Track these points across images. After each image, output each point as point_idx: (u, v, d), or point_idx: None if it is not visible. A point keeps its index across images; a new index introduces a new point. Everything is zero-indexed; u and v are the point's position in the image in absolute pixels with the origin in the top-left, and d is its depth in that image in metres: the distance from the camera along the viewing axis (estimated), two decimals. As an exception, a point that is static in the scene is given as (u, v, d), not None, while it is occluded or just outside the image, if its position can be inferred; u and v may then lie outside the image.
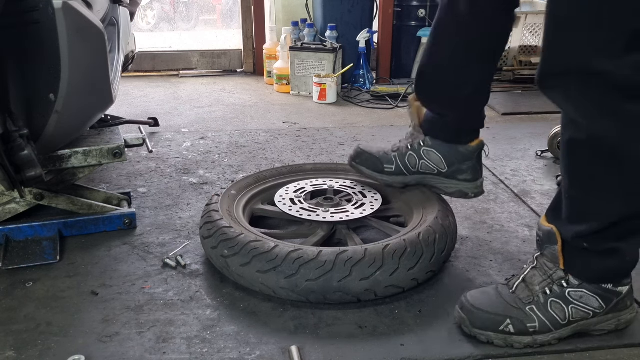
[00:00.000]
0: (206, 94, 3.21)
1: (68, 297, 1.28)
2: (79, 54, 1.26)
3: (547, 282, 1.13)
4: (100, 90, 1.44)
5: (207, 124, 2.63)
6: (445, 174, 1.48)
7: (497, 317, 1.12)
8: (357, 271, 1.21)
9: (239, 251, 1.27)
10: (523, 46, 3.48)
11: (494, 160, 2.17)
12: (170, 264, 1.40)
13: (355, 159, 1.58)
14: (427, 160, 1.48)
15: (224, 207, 1.45)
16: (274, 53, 3.36)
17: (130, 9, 2.08)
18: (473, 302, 1.16)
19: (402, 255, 1.25)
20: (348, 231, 1.46)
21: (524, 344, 1.12)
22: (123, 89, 3.17)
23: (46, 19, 1.19)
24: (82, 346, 1.12)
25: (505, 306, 1.14)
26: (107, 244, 1.51)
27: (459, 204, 1.76)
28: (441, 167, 1.48)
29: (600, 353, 1.13)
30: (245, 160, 2.16)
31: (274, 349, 1.12)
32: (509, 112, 2.85)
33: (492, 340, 1.13)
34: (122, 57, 1.86)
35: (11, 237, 1.47)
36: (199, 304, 1.26)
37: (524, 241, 1.55)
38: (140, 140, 1.63)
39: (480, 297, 1.17)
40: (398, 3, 3.40)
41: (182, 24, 5.97)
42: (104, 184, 1.91)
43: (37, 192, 1.50)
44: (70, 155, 1.48)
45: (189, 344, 1.13)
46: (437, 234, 1.32)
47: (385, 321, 1.20)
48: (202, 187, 1.90)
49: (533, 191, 1.88)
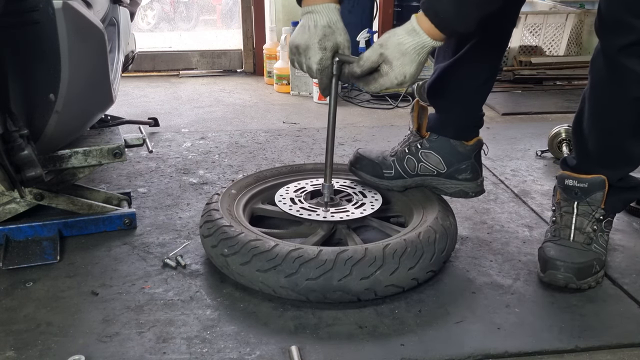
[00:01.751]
0: (206, 94, 3.22)
1: (68, 297, 1.28)
2: (79, 54, 1.26)
3: (593, 222, 1.37)
4: (100, 90, 1.44)
5: (207, 124, 2.63)
6: (444, 174, 1.50)
7: (587, 265, 1.32)
8: (358, 270, 1.21)
9: (239, 250, 1.27)
10: (523, 46, 3.49)
11: (494, 160, 2.17)
12: (170, 264, 1.40)
13: (355, 164, 1.60)
14: (426, 162, 1.51)
15: (224, 206, 1.45)
16: (274, 53, 3.36)
17: (130, 9, 2.08)
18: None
19: (402, 254, 1.25)
20: (348, 231, 1.46)
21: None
22: (123, 89, 3.17)
23: (46, 19, 1.19)
24: (82, 346, 1.12)
25: (588, 255, 1.34)
26: (107, 244, 1.51)
27: (459, 204, 1.76)
28: (440, 167, 1.50)
29: (600, 353, 1.13)
30: (245, 160, 2.16)
31: (274, 349, 1.12)
32: (509, 112, 2.85)
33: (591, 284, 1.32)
34: (122, 57, 1.86)
35: (11, 237, 1.47)
36: (199, 304, 1.26)
37: (524, 241, 1.55)
38: (140, 140, 1.63)
39: (561, 249, 1.35)
40: (398, 3, 3.40)
41: (182, 24, 5.97)
42: (104, 184, 1.91)
43: (37, 192, 1.50)
44: (70, 155, 1.48)
45: (189, 344, 1.13)
46: (437, 233, 1.32)
47: (385, 321, 1.21)
48: (202, 187, 1.90)
49: (533, 191, 1.88)
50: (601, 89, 1.33)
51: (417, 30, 1.19)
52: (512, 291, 1.32)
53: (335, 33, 1.27)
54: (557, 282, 1.31)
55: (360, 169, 1.58)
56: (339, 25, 1.28)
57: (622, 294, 1.32)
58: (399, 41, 1.21)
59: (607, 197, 1.37)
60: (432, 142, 1.50)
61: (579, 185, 1.38)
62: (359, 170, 1.58)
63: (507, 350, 1.12)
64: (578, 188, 1.38)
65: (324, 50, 1.27)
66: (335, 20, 1.27)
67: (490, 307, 1.26)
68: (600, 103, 1.35)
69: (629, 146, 1.36)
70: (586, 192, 1.38)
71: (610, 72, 1.28)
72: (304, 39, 1.28)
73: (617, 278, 1.37)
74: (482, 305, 1.26)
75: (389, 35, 1.23)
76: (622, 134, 1.34)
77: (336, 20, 1.27)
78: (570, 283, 1.30)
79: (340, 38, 1.28)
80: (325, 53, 1.27)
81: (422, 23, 1.19)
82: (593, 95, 1.36)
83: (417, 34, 1.19)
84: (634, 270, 1.41)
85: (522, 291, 1.32)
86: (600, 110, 1.36)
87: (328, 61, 1.28)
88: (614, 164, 1.39)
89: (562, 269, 1.30)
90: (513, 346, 1.13)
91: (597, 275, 1.33)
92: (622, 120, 1.32)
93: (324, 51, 1.27)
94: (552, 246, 1.36)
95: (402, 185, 1.55)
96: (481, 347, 1.13)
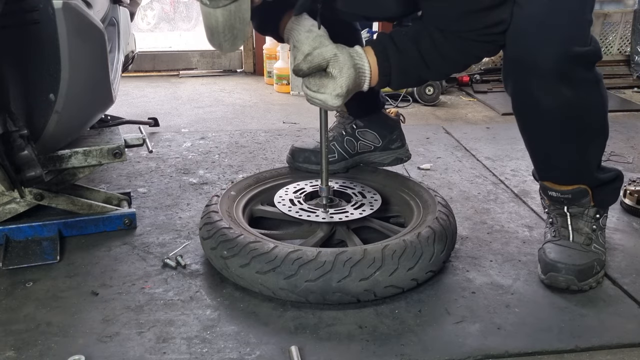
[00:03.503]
0: (206, 94, 3.22)
1: (68, 297, 1.28)
2: (79, 54, 1.26)
3: (589, 221, 1.39)
4: (100, 90, 1.44)
5: (207, 124, 2.63)
6: (380, 147, 1.68)
7: (588, 266, 1.31)
8: (357, 271, 1.21)
9: (239, 252, 1.27)
10: (523, 46, 3.48)
11: (494, 160, 2.17)
12: (170, 264, 1.40)
13: (297, 159, 1.68)
14: (364, 140, 1.68)
15: (223, 208, 1.45)
16: (274, 53, 3.36)
17: (130, 9, 2.08)
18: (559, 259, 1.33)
19: (402, 255, 1.25)
20: (347, 231, 1.46)
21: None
22: (123, 89, 3.17)
23: (46, 19, 1.19)
24: (82, 346, 1.12)
25: (589, 256, 1.34)
26: (107, 244, 1.51)
27: (459, 204, 1.76)
28: (376, 142, 1.68)
29: (600, 353, 1.13)
30: (245, 160, 2.16)
31: (274, 349, 1.12)
32: (509, 112, 2.81)
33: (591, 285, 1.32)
34: (122, 57, 1.86)
35: (11, 237, 1.47)
36: (199, 304, 1.26)
37: (524, 241, 1.55)
38: (140, 140, 1.63)
39: (561, 251, 1.34)
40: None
41: (182, 24, 5.98)
42: (104, 184, 1.91)
43: (37, 192, 1.50)
44: (70, 155, 1.48)
45: (189, 344, 1.13)
46: (436, 234, 1.32)
47: (385, 321, 1.21)
48: (202, 187, 1.90)
49: (533, 191, 1.88)
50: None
51: (360, 53, 1.26)
52: (512, 291, 1.32)
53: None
54: (558, 284, 1.31)
55: (304, 162, 1.67)
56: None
57: (622, 294, 1.32)
58: (350, 54, 1.25)
59: (594, 197, 1.39)
60: (366, 120, 1.66)
61: (563, 196, 1.40)
62: (303, 163, 1.67)
63: (507, 350, 1.12)
64: (563, 198, 1.40)
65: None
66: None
67: (490, 307, 1.26)
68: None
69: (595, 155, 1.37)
70: (572, 200, 1.40)
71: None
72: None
73: (617, 278, 1.37)
74: (482, 305, 1.26)
75: (338, 45, 1.26)
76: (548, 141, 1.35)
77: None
78: (571, 285, 1.30)
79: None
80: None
81: (371, 60, 1.27)
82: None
83: (364, 64, 1.26)
84: (634, 270, 1.41)
85: (522, 291, 1.32)
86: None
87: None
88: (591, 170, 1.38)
89: (563, 271, 1.30)
90: (513, 346, 1.13)
91: (598, 276, 1.33)
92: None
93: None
94: (552, 247, 1.36)
95: (344, 167, 1.69)
96: (481, 347, 1.13)
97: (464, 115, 2.86)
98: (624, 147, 2.36)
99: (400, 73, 1.28)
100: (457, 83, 3.33)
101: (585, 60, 1.23)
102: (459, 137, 2.45)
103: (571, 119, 1.28)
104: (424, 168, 2.09)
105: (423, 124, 2.68)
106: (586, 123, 1.30)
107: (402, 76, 1.29)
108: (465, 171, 2.07)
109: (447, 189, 1.90)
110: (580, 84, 1.24)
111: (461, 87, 3.35)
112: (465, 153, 2.27)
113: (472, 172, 2.06)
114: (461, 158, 2.21)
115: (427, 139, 2.44)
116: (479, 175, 2.03)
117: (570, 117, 1.27)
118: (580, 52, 1.21)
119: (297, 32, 1.28)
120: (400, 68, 1.27)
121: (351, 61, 1.24)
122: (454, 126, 2.64)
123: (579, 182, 1.38)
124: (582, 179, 1.38)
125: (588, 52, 1.22)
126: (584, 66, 1.23)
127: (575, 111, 1.27)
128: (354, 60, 1.24)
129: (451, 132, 2.53)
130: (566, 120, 1.28)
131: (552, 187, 1.41)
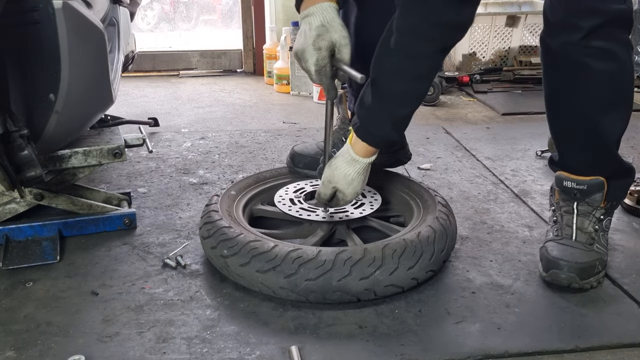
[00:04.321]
0: (206, 94, 3.22)
1: (68, 297, 1.28)
2: (79, 54, 1.26)
3: (594, 222, 1.39)
4: (100, 90, 1.44)
5: (207, 124, 2.63)
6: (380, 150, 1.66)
7: (590, 265, 1.31)
8: (357, 270, 1.21)
9: (239, 251, 1.27)
10: (523, 46, 3.48)
11: (494, 160, 2.17)
12: (170, 264, 1.40)
13: (297, 163, 1.69)
14: None
15: (223, 208, 1.45)
16: (274, 53, 3.36)
17: (130, 9, 2.08)
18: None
19: (402, 254, 1.25)
20: (348, 231, 1.46)
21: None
22: (123, 89, 3.17)
23: (46, 19, 1.19)
24: (82, 346, 1.12)
25: (591, 255, 1.34)
26: (107, 244, 1.51)
27: (459, 204, 1.76)
28: None
29: (600, 353, 1.13)
30: (245, 160, 2.16)
31: (274, 349, 1.12)
32: (509, 112, 2.85)
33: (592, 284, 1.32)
34: (122, 57, 1.86)
35: (11, 237, 1.47)
36: (199, 304, 1.26)
37: (524, 241, 1.55)
38: (140, 140, 1.63)
39: (564, 249, 1.35)
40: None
41: (182, 24, 5.98)
42: (104, 184, 1.91)
43: (37, 192, 1.50)
44: (70, 155, 1.48)
45: (189, 344, 1.13)
46: (436, 233, 1.32)
47: (385, 321, 1.21)
48: (202, 187, 1.90)
49: (533, 191, 1.88)
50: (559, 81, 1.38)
51: (356, 159, 1.34)
52: (512, 291, 1.32)
53: (330, 31, 1.26)
54: (560, 281, 1.31)
55: (304, 167, 1.67)
56: (333, 23, 1.26)
57: (622, 294, 1.31)
58: (344, 173, 1.36)
59: (608, 192, 1.39)
60: None
61: (578, 187, 1.39)
62: (303, 169, 1.68)
63: (507, 350, 1.12)
64: (577, 190, 1.40)
65: (319, 50, 1.26)
66: (330, 18, 1.26)
67: (490, 307, 1.26)
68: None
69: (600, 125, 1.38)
70: (585, 193, 1.39)
71: (564, 66, 1.34)
72: (300, 43, 1.28)
73: (617, 278, 1.37)
74: (482, 305, 1.26)
75: (333, 170, 1.37)
76: (593, 112, 1.36)
77: (331, 18, 1.26)
78: (573, 283, 1.30)
79: (335, 35, 1.26)
80: (321, 53, 1.26)
81: (358, 150, 1.33)
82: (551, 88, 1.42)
83: (357, 161, 1.34)
84: (634, 270, 1.41)
85: (522, 291, 1.32)
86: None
87: (324, 60, 1.27)
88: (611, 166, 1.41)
89: (565, 268, 1.30)
90: (513, 346, 1.13)
91: (599, 275, 1.33)
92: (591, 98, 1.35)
93: (319, 51, 1.26)
94: (554, 245, 1.36)
95: None
96: (481, 347, 1.13)
97: (464, 115, 2.86)
98: (624, 147, 2.34)
99: (380, 124, 1.31)
100: (457, 83, 3.33)
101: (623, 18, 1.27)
102: (459, 137, 2.45)
103: (615, 83, 1.32)
104: (424, 168, 2.09)
105: (423, 124, 2.68)
106: (625, 88, 1.35)
107: (388, 123, 1.31)
108: (465, 171, 2.07)
109: (447, 189, 1.90)
110: (619, 45, 1.29)
111: (461, 87, 3.35)
112: (465, 153, 2.27)
113: (472, 172, 2.06)
114: (461, 158, 2.21)
115: (427, 139, 2.44)
116: (479, 175, 2.03)
117: (615, 81, 1.31)
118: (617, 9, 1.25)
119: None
120: (375, 121, 1.31)
121: (346, 180, 1.36)
122: (454, 126, 2.64)
123: (598, 173, 1.38)
124: (604, 166, 1.39)
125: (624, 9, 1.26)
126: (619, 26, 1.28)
127: (619, 76, 1.31)
128: (348, 170, 1.35)
129: (451, 132, 2.53)
130: (613, 82, 1.31)
131: (569, 177, 1.40)
